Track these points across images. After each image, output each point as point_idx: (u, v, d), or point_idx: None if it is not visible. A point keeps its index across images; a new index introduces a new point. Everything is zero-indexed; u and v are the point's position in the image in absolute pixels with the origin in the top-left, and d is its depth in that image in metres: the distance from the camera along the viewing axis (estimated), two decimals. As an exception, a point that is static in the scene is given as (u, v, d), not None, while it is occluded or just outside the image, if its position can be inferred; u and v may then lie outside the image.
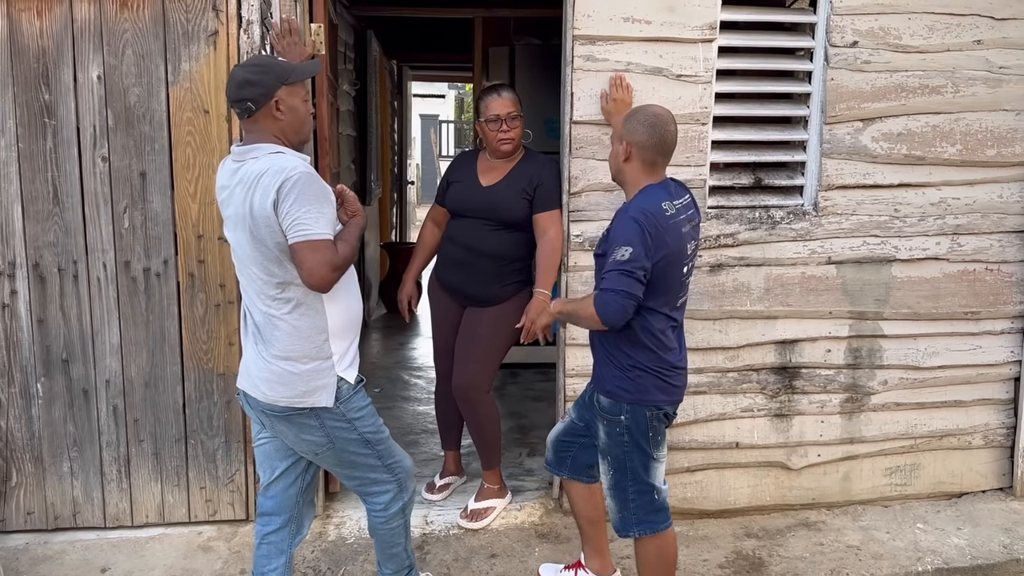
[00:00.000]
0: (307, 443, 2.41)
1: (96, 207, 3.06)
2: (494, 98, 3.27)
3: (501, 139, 3.26)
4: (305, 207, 2.20)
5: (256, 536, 2.59)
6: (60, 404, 3.16)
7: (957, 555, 3.21)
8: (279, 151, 2.29)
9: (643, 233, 2.34)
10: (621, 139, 2.51)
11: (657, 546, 2.57)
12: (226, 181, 2.33)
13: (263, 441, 2.53)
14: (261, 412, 2.41)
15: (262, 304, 2.32)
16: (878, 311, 3.45)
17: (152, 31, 2.99)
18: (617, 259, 2.33)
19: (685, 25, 3.15)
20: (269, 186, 2.19)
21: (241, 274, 2.38)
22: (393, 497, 2.56)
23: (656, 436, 2.49)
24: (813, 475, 3.54)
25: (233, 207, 2.29)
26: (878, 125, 3.33)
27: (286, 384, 2.32)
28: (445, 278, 3.38)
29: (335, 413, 2.37)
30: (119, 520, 3.25)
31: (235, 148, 2.35)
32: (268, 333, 2.33)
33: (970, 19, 3.32)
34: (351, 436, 2.41)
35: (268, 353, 2.33)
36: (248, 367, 2.41)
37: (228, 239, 2.38)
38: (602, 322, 2.35)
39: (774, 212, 3.34)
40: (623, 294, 2.34)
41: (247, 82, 2.28)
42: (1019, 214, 3.48)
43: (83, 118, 3.01)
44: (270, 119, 2.32)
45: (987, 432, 3.62)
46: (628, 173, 2.54)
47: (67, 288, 3.09)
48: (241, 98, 2.29)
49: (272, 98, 2.30)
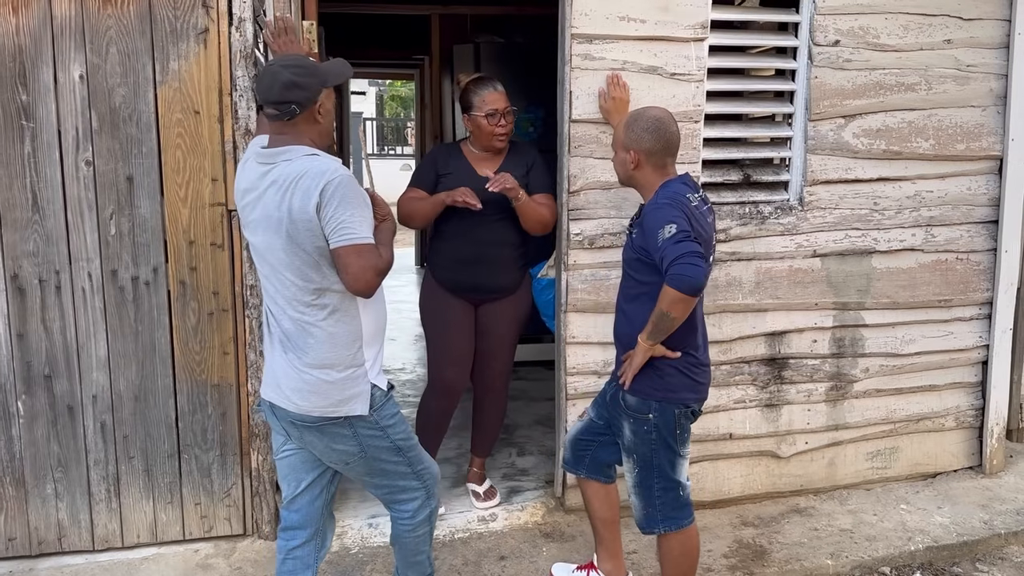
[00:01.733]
0: (338, 453, 2.35)
1: (80, 214, 2.90)
2: (490, 92, 3.22)
3: (498, 133, 3.23)
4: (349, 211, 2.14)
5: (280, 552, 2.51)
6: (43, 422, 2.98)
7: (943, 533, 3.35)
8: (314, 153, 2.22)
9: (682, 214, 2.36)
10: (626, 148, 2.52)
11: (681, 542, 2.60)
12: (252, 183, 2.24)
13: (288, 453, 2.44)
14: (289, 424, 2.33)
15: (294, 311, 2.25)
16: (860, 301, 3.57)
17: (138, 28, 2.85)
18: (666, 237, 2.31)
19: (678, 24, 3.19)
20: (311, 188, 2.12)
21: (269, 280, 2.29)
22: (421, 504, 2.51)
23: (683, 433, 2.52)
24: (801, 462, 3.64)
25: (263, 210, 2.21)
26: (859, 121, 3.44)
27: (320, 393, 2.25)
28: (457, 279, 3.28)
29: (368, 421, 2.31)
30: (108, 542, 3.09)
31: (259, 150, 2.26)
32: (301, 341, 2.25)
33: (941, 19, 3.46)
34: (383, 444, 2.36)
35: (301, 362, 2.26)
36: (276, 377, 2.32)
37: (253, 243, 2.29)
38: (687, 292, 2.27)
39: (763, 207, 3.41)
40: (693, 255, 2.28)
41: (294, 84, 2.19)
42: (986, 205, 3.65)
43: (64, 120, 2.85)
44: (311, 123, 2.25)
45: (958, 414, 3.79)
46: (640, 179, 2.56)
47: (49, 300, 2.92)
48: (286, 100, 2.20)
49: (316, 102, 2.24)
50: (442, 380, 3.35)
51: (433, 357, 3.36)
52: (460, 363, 3.34)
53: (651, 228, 2.39)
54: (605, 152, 3.18)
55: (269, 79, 2.22)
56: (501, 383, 3.47)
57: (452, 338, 3.32)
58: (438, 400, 3.39)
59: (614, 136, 2.64)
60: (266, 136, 2.35)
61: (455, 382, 3.35)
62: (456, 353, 3.33)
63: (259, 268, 2.32)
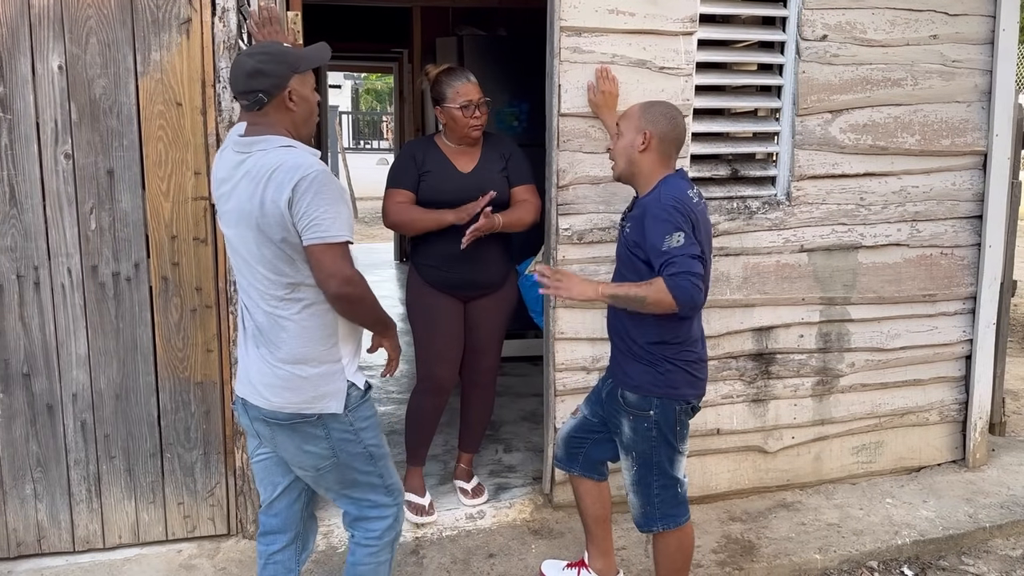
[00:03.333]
0: (309, 456, 2.25)
1: (59, 208, 2.83)
2: (464, 83, 3.16)
3: (473, 125, 3.17)
4: (323, 206, 2.06)
5: (260, 557, 2.45)
6: (21, 422, 2.91)
7: (929, 527, 3.37)
8: (290, 144, 2.14)
9: (687, 219, 2.34)
10: (640, 129, 2.48)
11: (678, 539, 2.59)
12: (227, 173, 2.17)
13: (262, 456, 2.37)
14: (261, 422, 2.25)
15: (266, 305, 2.17)
16: (846, 296, 3.58)
17: (119, 18, 2.78)
18: (674, 245, 2.29)
19: (667, 18, 3.17)
20: (284, 182, 2.05)
21: (241, 273, 2.22)
22: (389, 526, 2.38)
23: (683, 430, 2.50)
24: (787, 457, 3.65)
25: (236, 202, 2.14)
26: (845, 116, 3.44)
27: (293, 389, 2.18)
28: (445, 276, 3.21)
29: (343, 422, 2.23)
30: (89, 543, 3.03)
31: (237, 138, 2.19)
32: (274, 335, 2.18)
33: (927, 15, 3.47)
34: (356, 450, 2.27)
35: (273, 357, 2.19)
36: (248, 373, 2.25)
37: (227, 235, 2.22)
38: (677, 306, 2.28)
39: (750, 202, 3.41)
40: (697, 276, 2.29)
41: (258, 72, 2.12)
42: (970, 200, 3.67)
43: (43, 112, 2.77)
44: (282, 111, 2.18)
45: (942, 408, 3.82)
46: (644, 164, 2.50)
47: (27, 296, 2.85)
48: (251, 89, 2.13)
49: (285, 88, 2.15)
50: (433, 378, 3.30)
51: (422, 356, 3.31)
52: (450, 361, 3.30)
53: (653, 228, 2.35)
54: (594, 146, 3.16)
55: (235, 68, 2.15)
56: (490, 378, 3.45)
57: (442, 336, 3.27)
58: (429, 398, 3.34)
59: (621, 122, 2.57)
60: (239, 124, 2.29)
61: (446, 380, 3.31)
62: (446, 351, 3.28)
63: (232, 261, 2.25)
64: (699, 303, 2.35)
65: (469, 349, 3.35)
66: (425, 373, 3.31)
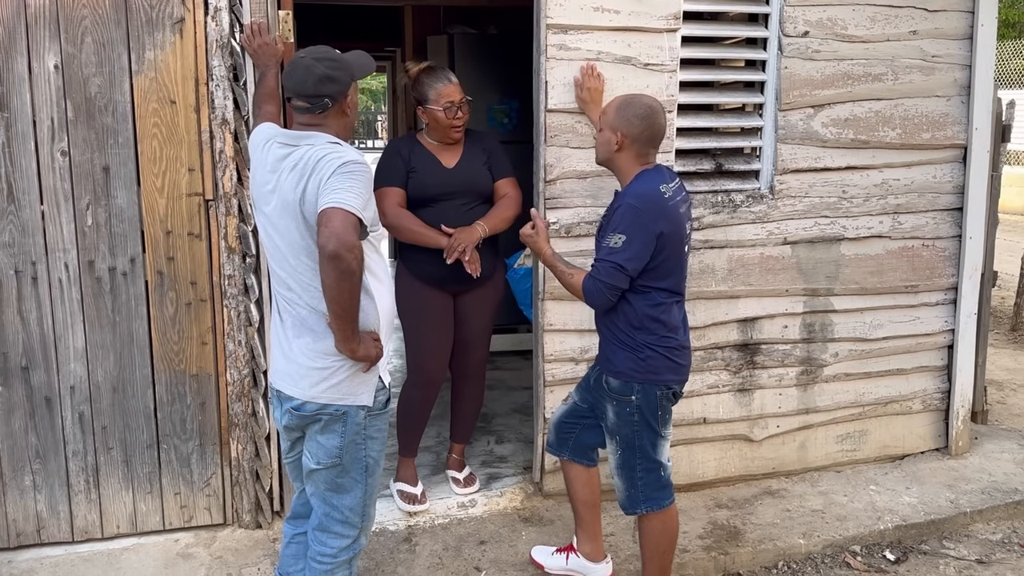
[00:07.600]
0: (320, 448, 2.31)
1: (56, 204, 2.89)
2: (445, 84, 3.22)
3: (455, 125, 3.24)
4: (347, 183, 2.10)
5: (285, 536, 2.59)
6: (20, 414, 2.97)
7: (911, 512, 3.44)
8: (337, 142, 2.23)
9: (639, 219, 2.44)
10: (614, 129, 2.56)
11: (662, 521, 2.65)
12: (273, 166, 2.24)
13: (293, 458, 2.48)
14: (292, 413, 2.31)
15: (308, 297, 2.23)
16: (829, 287, 3.65)
17: (113, 18, 2.84)
18: (611, 246, 2.47)
19: (651, 15, 3.23)
20: (326, 170, 2.11)
21: (281, 264, 2.27)
22: (347, 546, 2.41)
23: (664, 415, 2.57)
24: (773, 445, 3.71)
25: (280, 192, 2.20)
26: (827, 111, 3.51)
27: (333, 380, 2.25)
28: (435, 271, 3.24)
29: (359, 424, 2.30)
30: (88, 533, 3.09)
31: (282, 131, 2.27)
32: (318, 325, 2.24)
33: (907, 10, 3.54)
34: (358, 454, 2.34)
35: (316, 347, 2.25)
36: (287, 363, 2.31)
37: (267, 227, 2.28)
38: (586, 300, 2.56)
39: (735, 196, 3.47)
40: (611, 288, 2.50)
41: (328, 78, 2.21)
42: (950, 193, 3.74)
43: (40, 110, 2.83)
44: (339, 116, 2.28)
45: (925, 397, 3.89)
46: (619, 161, 2.60)
47: (25, 291, 2.91)
48: (320, 94, 2.22)
49: (347, 96, 2.27)
50: (423, 372, 3.36)
51: (413, 350, 3.37)
52: (441, 354, 3.37)
53: (607, 222, 2.53)
54: (581, 141, 3.23)
55: (302, 72, 2.22)
56: (480, 370, 3.52)
57: (432, 331, 3.33)
58: (420, 391, 3.39)
59: (601, 115, 2.65)
60: (267, 124, 2.37)
61: (436, 373, 3.37)
62: (437, 345, 3.34)
63: (271, 252, 2.30)
64: (595, 307, 2.60)
65: (459, 342, 3.41)
66: (415, 367, 3.37)
